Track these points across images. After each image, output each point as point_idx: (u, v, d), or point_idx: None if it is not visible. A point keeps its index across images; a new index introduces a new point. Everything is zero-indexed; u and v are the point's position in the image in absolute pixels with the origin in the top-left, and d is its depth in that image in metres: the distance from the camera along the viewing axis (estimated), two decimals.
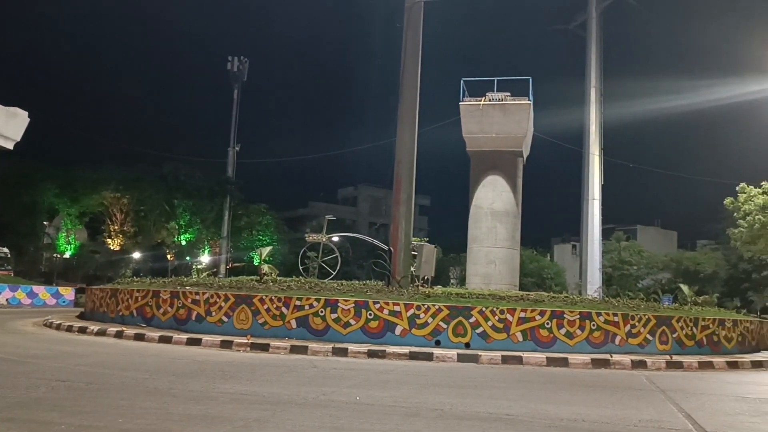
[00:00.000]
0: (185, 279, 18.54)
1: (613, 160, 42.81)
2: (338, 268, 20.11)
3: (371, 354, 12.56)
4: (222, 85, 46.98)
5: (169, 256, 45.08)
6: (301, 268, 20.42)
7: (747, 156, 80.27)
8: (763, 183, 37.94)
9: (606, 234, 49.45)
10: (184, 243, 45.08)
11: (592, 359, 12.86)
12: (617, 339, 14.11)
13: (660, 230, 78.51)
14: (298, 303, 14.18)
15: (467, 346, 13.51)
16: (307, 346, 12.87)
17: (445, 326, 13.69)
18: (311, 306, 14.11)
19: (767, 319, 25.98)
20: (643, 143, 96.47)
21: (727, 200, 38.86)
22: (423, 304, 13.93)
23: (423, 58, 17.89)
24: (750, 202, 37.69)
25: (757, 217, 37.12)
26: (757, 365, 14.37)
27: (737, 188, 38.49)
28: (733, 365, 13.92)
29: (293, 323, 14.09)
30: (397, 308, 13.88)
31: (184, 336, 13.76)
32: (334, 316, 13.93)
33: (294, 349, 12.81)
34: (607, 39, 39.58)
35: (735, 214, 38.56)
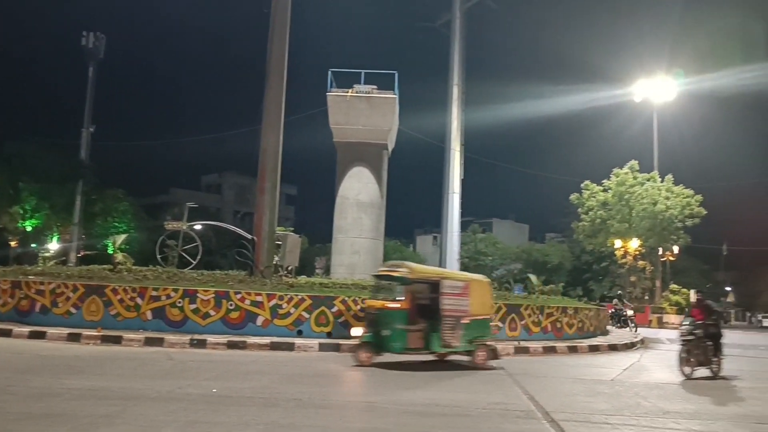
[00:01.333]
0: (29, 268, 17.16)
1: (474, 157, 44.70)
2: (199, 257, 19.48)
3: (231, 345, 12.32)
4: (83, 63, 43.67)
5: (12, 243, 41.56)
6: (159, 257, 19.56)
7: (593, 156, 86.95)
8: (604, 181, 41.30)
9: (465, 226, 51.69)
10: (29, 229, 41.73)
11: None
12: None
13: (514, 224, 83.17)
14: (154, 293, 13.61)
15: (329, 335, 13.63)
16: (163, 338, 12.39)
17: (307, 316, 13.71)
18: (168, 296, 13.59)
19: (604, 307, 28.33)
20: (501, 142, 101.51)
21: (573, 196, 41.93)
22: (286, 294, 13.86)
23: (292, 49, 17.71)
24: (592, 198, 40.92)
25: (598, 212, 40.38)
26: (594, 349, 15.68)
27: (582, 186, 41.64)
28: (573, 349, 15.09)
29: (149, 314, 13.50)
30: (259, 298, 13.71)
31: (26, 329, 12.76)
32: (192, 306, 13.52)
33: (149, 342, 12.29)
34: (472, 40, 41.14)
35: (579, 209, 41.72)
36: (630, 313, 27.41)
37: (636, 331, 24.61)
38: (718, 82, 42.99)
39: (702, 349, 11.08)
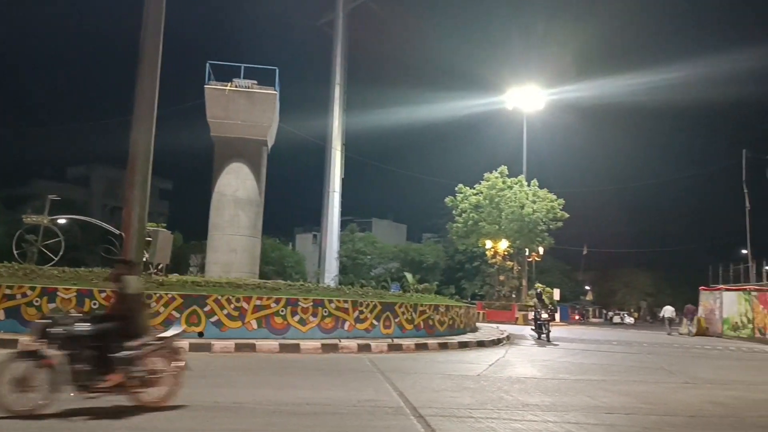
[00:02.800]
0: None
1: (355, 157, 45.11)
2: (62, 253, 18.30)
3: None
4: None
5: None
6: (16, 252, 18.18)
7: (469, 160, 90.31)
8: (476, 185, 43.02)
9: (345, 225, 52.00)
10: None
11: (322, 344, 13.46)
12: (346, 324, 14.95)
13: (392, 223, 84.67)
14: (8, 292, 12.62)
15: (201, 335, 13.25)
16: (17, 339, 11.51)
17: (178, 315, 13.25)
18: (24, 295, 12.67)
19: (474, 305, 29.49)
20: (382, 143, 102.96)
21: (448, 199, 43.35)
22: (155, 293, 13.33)
23: (169, 40, 16.99)
24: (466, 201, 42.50)
25: (471, 214, 41.99)
26: (463, 345, 16.29)
27: (456, 189, 43.16)
28: (444, 346, 15.59)
29: (1, 314, 12.52)
30: None
31: None
32: (52, 305, 12.68)
33: (1, 343, 11.37)
34: (356, 43, 41.50)
35: (454, 211, 43.19)
36: (545, 316, 20.60)
37: (548, 339, 20.09)
38: (581, 93, 46.18)
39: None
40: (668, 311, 36.22)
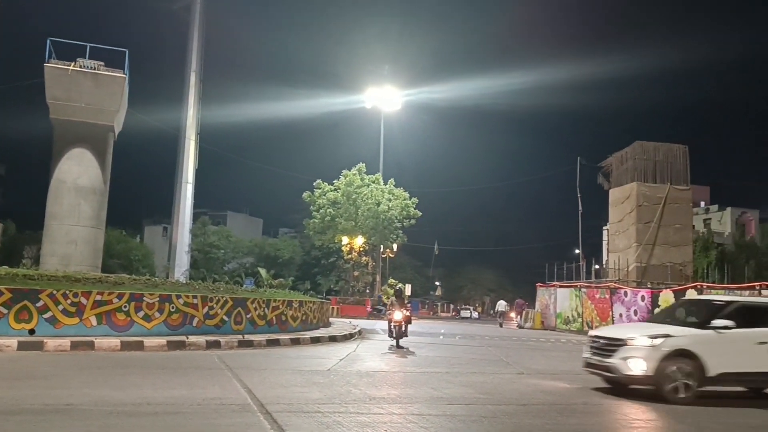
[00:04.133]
0: None
1: (209, 148, 43.77)
2: None
3: None
4: None
5: None
6: None
7: (329, 156, 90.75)
8: (335, 181, 43.32)
9: (198, 218, 50.30)
10: None
11: (168, 341, 12.94)
12: (195, 321, 14.48)
13: (248, 217, 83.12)
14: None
15: (32, 332, 12.25)
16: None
17: (5, 311, 12.15)
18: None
19: (329, 300, 29.71)
20: (239, 137, 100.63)
21: (306, 194, 43.28)
22: None
23: (5, 12, 15.55)
24: (323, 197, 42.67)
25: (328, 210, 42.22)
26: (316, 340, 16.36)
27: (314, 184, 43.21)
28: (296, 341, 15.57)
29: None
30: None
31: None
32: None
33: None
34: (216, 33, 40.24)
35: (311, 206, 43.21)
36: (397, 317, 16.86)
37: (397, 345, 16.73)
38: (436, 95, 48.05)
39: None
40: (501, 305, 39.83)
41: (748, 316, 10.04)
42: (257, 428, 6.17)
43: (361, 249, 43.60)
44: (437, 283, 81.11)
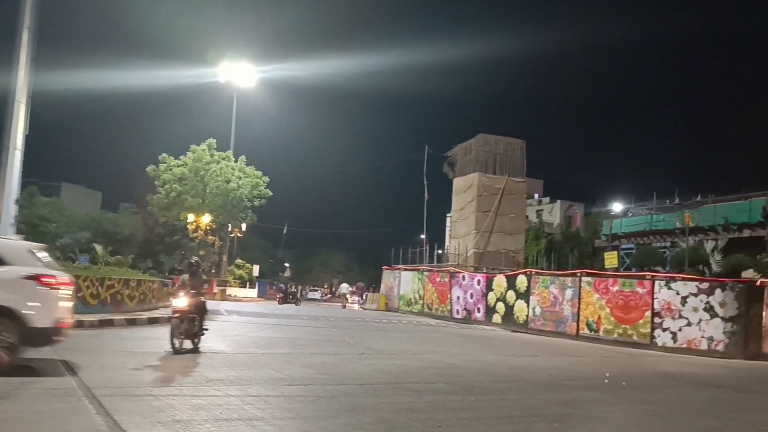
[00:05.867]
0: None
1: (43, 113, 40.24)
2: None
3: None
4: None
5: None
6: None
7: (178, 130, 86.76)
8: (182, 156, 41.60)
9: (27, 188, 46.21)
10: None
11: None
12: None
13: (85, 189, 77.61)
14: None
15: None
16: None
17: None
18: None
19: (171, 279, 28.62)
20: (79, 105, 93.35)
21: (150, 168, 41.14)
22: None
23: None
24: (169, 171, 40.83)
25: (174, 186, 40.48)
26: (153, 321, 15.75)
27: (159, 158, 41.19)
28: (132, 322, 14.90)
29: None
30: None
31: None
32: None
33: None
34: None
35: (156, 181, 41.19)
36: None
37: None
38: (291, 73, 47.53)
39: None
40: (344, 288, 41.52)
41: None
42: (82, 413, 5.87)
43: (208, 227, 42.30)
44: (286, 264, 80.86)
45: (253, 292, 46.22)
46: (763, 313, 17.74)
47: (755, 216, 36.27)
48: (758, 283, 18.79)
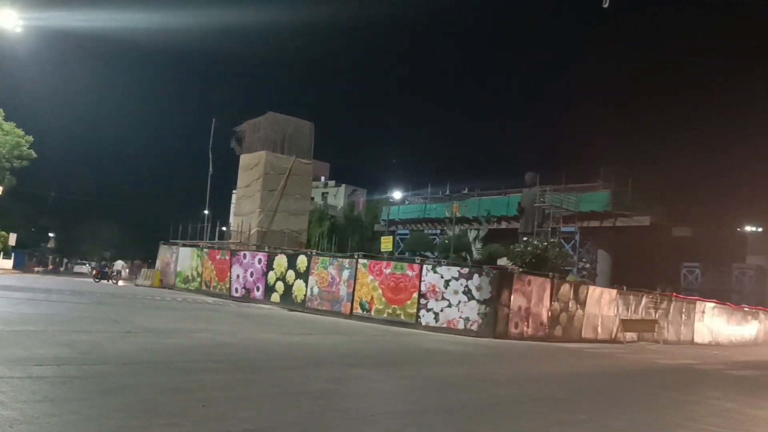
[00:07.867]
0: None
1: None
2: None
3: None
4: None
5: None
6: None
7: None
8: None
9: None
10: None
11: None
12: None
13: None
14: None
15: None
16: None
17: None
18: None
19: None
20: None
21: None
22: None
23: None
24: None
25: None
26: None
27: None
28: None
29: None
30: None
31: None
32: None
33: None
34: None
35: None
36: None
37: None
38: (65, 23, 42.83)
39: None
40: (118, 265, 40.63)
41: None
42: None
43: None
44: (51, 235, 73.62)
45: (8, 263, 41.54)
46: (511, 297, 20.00)
47: (512, 210, 40.70)
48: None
